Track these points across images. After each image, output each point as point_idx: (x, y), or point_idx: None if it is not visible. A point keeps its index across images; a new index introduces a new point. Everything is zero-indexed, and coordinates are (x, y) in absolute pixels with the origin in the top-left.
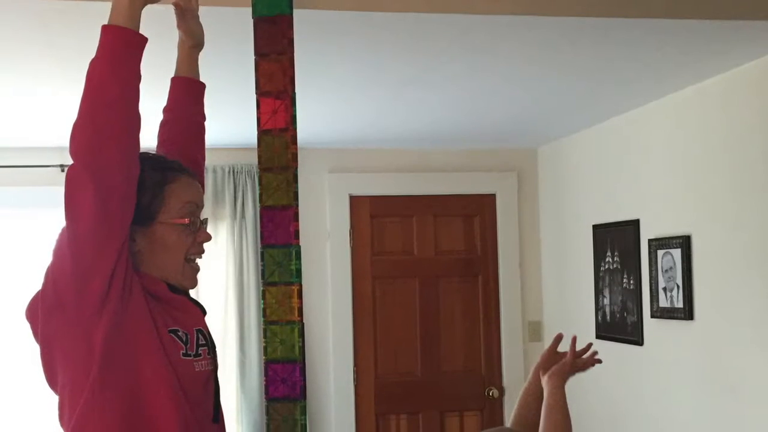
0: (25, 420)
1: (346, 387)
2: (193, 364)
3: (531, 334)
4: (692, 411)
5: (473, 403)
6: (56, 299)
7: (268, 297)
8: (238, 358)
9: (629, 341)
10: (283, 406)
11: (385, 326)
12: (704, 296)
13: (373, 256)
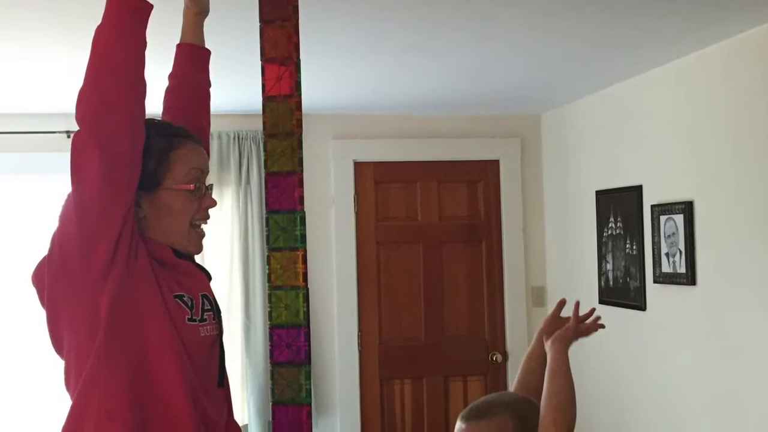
0: (32, 385)
1: (350, 352)
2: (199, 329)
3: (534, 299)
4: (695, 375)
5: (477, 367)
6: (62, 264)
7: (273, 262)
8: (243, 323)
9: (632, 306)
10: (288, 370)
11: (389, 291)
12: (706, 261)
13: (377, 222)
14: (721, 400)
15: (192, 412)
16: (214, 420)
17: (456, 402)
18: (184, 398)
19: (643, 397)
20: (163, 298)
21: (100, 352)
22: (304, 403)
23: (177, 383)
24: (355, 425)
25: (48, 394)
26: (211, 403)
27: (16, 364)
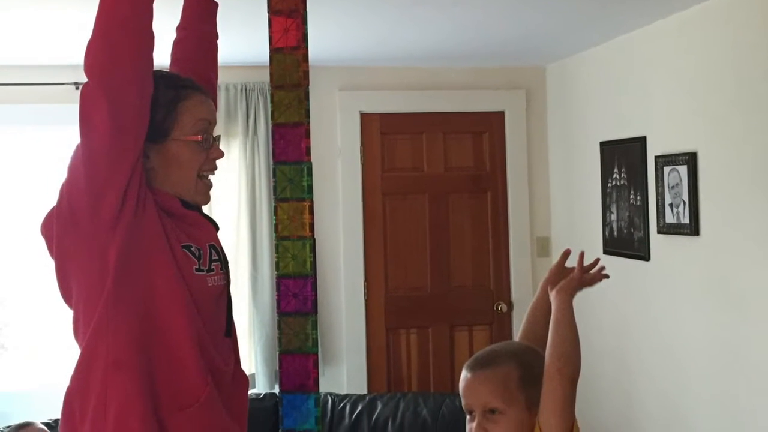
0: (41, 335)
1: (356, 302)
2: (206, 279)
3: (539, 249)
4: (698, 325)
5: (482, 317)
6: (70, 215)
7: (280, 213)
8: (250, 273)
9: (636, 256)
10: (295, 320)
11: (395, 242)
12: (710, 212)
13: (384, 173)
14: (724, 349)
15: (199, 361)
16: (221, 369)
17: (461, 351)
18: (192, 348)
19: (646, 346)
20: (171, 249)
21: (108, 301)
22: (310, 353)
23: (184, 333)
24: (361, 374)
25: (57, 343)
26: (219, 352)
27: (25, 313)
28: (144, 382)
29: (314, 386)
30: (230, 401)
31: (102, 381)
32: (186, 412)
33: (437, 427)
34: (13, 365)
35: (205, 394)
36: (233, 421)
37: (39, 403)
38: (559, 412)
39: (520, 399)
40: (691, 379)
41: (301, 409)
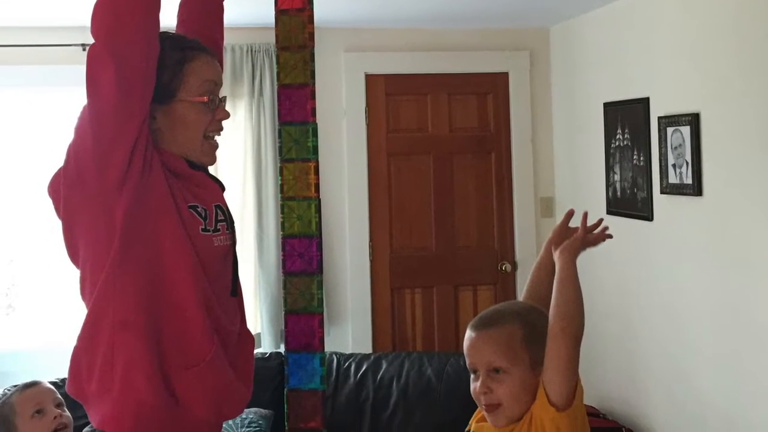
0: (48, 294)
1: (361, 262)
2: (212, 239)
3: (543, 209)
4: (701, 285)
5: (486, 277)
6: (77, 176)
7: (286, 173)
8: (256, 233)
9: (639, 217)
10: (300, 280)
11: (400, 202)
12: (713, 173)
13: (389, 134)
14: (728, 309)
15: (205, 320)
16: (227, 329)
17: (466, 311)
18: (198, 307)
19: (650, 306)
20: (177, 209)
21: (114, 261)
22: (316, 312)
23: (191, 292)
24: (366, 334)
25: (64, 303)
26: (225, 312)
27: (33, 273)
28: (150, 341)
29: (319, 345)
30: (236, 360)
31: (109, 340)
32: (192, 371)
33: (442, 386)
34: (21, 325)
35: (211, 354)
36: (239, 380)
37: (46, 363)
38: (562, 371)
39: (524, 358)
40: (695, 339)
41: (307, 368)
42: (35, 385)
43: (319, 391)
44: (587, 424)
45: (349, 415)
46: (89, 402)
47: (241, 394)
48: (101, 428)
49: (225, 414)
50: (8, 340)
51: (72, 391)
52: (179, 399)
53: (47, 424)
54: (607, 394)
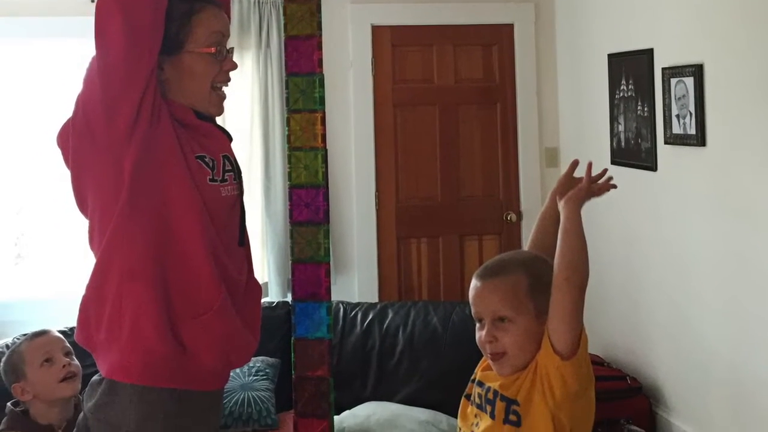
0: (57, 244)
1: (368, 211)
2: (220, 189)
3: (548, 160)
4: (705, 234)
5: (492, 227)
6: (86, 126)
7: (293, 124)
8: (263, 183)
9: (643, 167)
10: (307, 229)
11: (406, 153)
12: (716, 123)
13: (395, 85)
14: (731, 258)
15: (213, 270)
16: (235, 278)
17: (471, 260)
18: (206, 257)
19: (654, 255)
20: (185, 159)
21: (123, 212)
22: (322, 262)
23: (198, 242)
24: (372, 283)
25: (73, 252)
26: (232, 261)
27: (42, 222)
28: (158, 290)
29: (326, 295)
30: (243, 309)
31: (117, 289)
32: (200, 320)
33: (447, 335)
34: (30, 274)
35: (219, 303)
36: (246, 329)
37: (55, 312)
38: (567, 320)
39: (529, 307)
40: (699, 287)
41: (314, 317)
42: (44, 334)
43: (325, 340)
44: (592, 372)
45: (355, 363)
46: (98, 350)
47: (248, 342)
48: (110, 376)
49: (232, 362)
50: (17, 290)
51: (81, 340)
52: (187, 347)
53: (56, 372)
54: (611, 342)
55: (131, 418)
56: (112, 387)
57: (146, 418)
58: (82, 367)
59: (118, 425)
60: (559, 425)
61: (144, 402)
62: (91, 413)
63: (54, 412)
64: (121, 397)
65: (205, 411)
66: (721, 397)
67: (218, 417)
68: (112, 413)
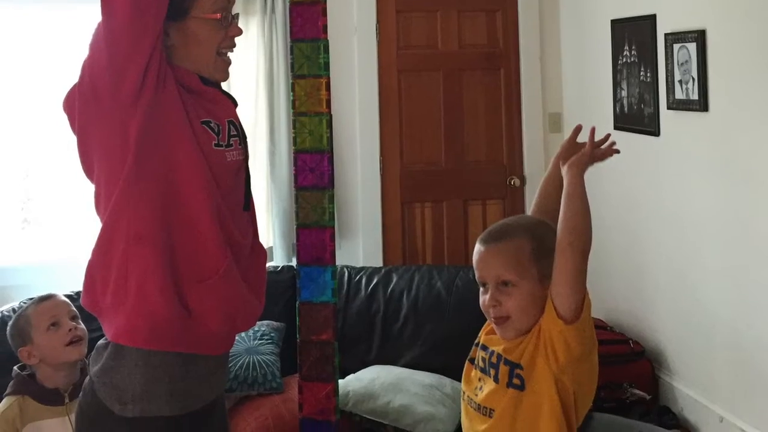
0: (64, 208)
1: (372, 176)
2: (225, 154)
3: (551, 125)
4: (707, 199)
5: (495, 191)
6: (92, 92)
7: (297, 89)
8: (268, 148)
9: (646, 132)
10: (312, 194)
11: (410, 118)
12: (719, 88)
13: (399, 50)
14: (733, 223)
15: (218, 234)
16: (240, 242)
17: (475, 225)
18: (211, 221)
19: (656, 219)
20: (191, 124)
21: (129, 176)
22: (327, 226)
23: (204, 206)
24: (377, 247)
25: (79, 217)
26: (237, 226)
27: (48, 187)
28: (164, 254)
29: (331, 259)
30: (248, 274)
31: (123, 254)
32: (205, 284)
33: (451, 299)
34: (36, 239)
35: (224, 267)
36: (251, 293)
37: (61, 276)
38: (570, 284)
39: (533, 271)
40: (701, 252)
41: (318, 281)
42: (50, 298)
43: (330, 304)
44: (595, 336)
45: (360, 327)
46: (103, 314)
47: (253, 306)
48: (115, 340)
49: (238, 326)
50: (24, 254)
51: (87, 304)
52: (192, 311)
53: (62, 336)
54: (614, 306)
55: (137, 381)
56: (117, 351)
57: (152, 381)
58: (88, 331)
59: (123, 389)
60: (562, 389)
61: (149, 366)
62: (96, 377)
63: (60, 376)
64: (127, 360)
65: (210, 375)
66: (723, 360)
67: (223, 381)
68: (117, 377)
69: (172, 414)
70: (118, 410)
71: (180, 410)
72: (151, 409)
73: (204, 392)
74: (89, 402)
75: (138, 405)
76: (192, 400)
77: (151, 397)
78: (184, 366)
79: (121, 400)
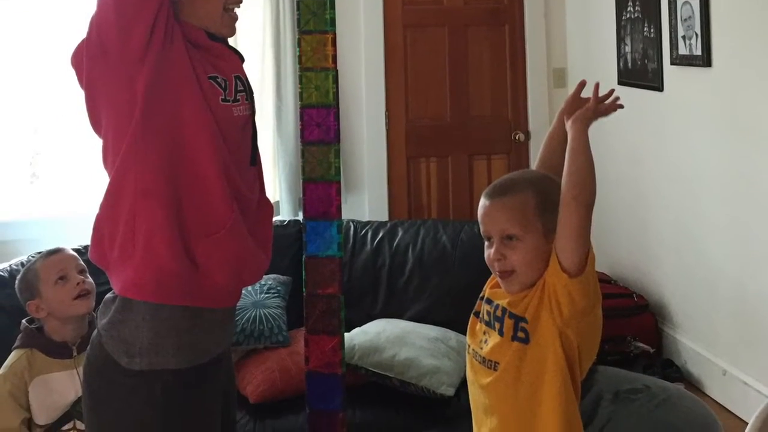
0: (72, 163)
1: (378, 131)
2: (232, 109)
3: (555, 80)
4: (711, 153)
5: (500, 146)
6: (100, 47)
7: (304, 44)
8: (275, 103)
9: (650, 87)
10: (318, 149)
11: (415, 73)
12: (722, 44)
13: (404, 6)
14: (737, 178)
15: (225, 188)
16: (247, 197)
17: (480, 179)
18: (218, 176)
19: (660, 174)
20: (198, 80)
21: (136, 131)
22: (333, 181)
23: (211, 161)
24: (382, 202)
25: (87, 171)
26: (244, 180)
27: (57, 141)
28: (171, 209)
29: (337, 213)
30: (255, 228)
31: (130, 208)
32: (212, 239)
33: (456, 253)
34: (45, 193)
35: (231, 221)
36: (258, 247)
37: (69, 230)
38: (575, 238)
39: (537, 226)
40: (704, 206)
41: (324, 235)
42: (59, 251)
43: (336, 258)
44: (599, 290)
45: (365, 281)
46: (111, 268)
47: (260, 261)
48: (123, 294)
49: (244, 280)
50: (32, 209)
51: (94, 258)
52: (199, 265)
53: (70, 290)
54: (618, 260)
55: (144, 335)
56: (125, 304)
57: (159, 334)
58: (95, 285)
59: (131, 342)
60: (566, 342)
61: (157, 319)
62: (104, 330)
63: (68, 330)
64: (135, 314)
65: (217, 328)
66: (726, 314)
67: (230, 334)
68: (125, 330)
69: (179, 367)
70: (126, 363)
71: (187, 363)
72: (158, 362)
73: (211, 346)
74: (97, 355)
75: (145, 358)
76: (199, 353)
77: (159, 350)
78: (191, 319)
79: (129, 353)
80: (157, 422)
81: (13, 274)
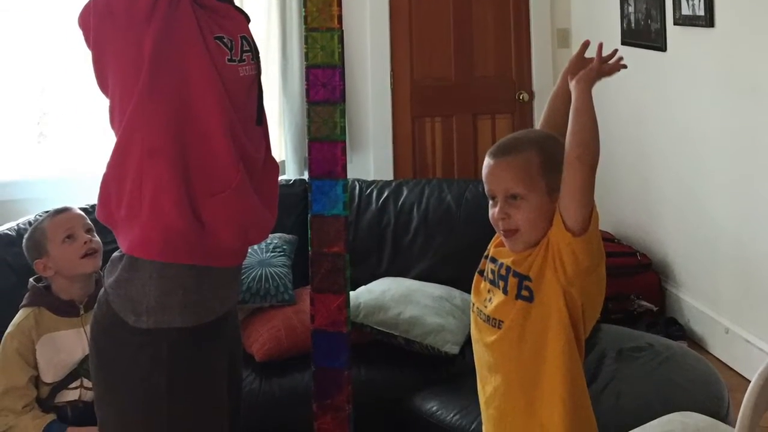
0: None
1: (383, 91)
2: (238, 69)
3: (559, 40)
4: (714, 113)
5: (504, 106)
6: (107, 7)
7: (309, 5)
8: (281, 63)
9: (653, 47)
10: (324, 109)
11: (420, 33)
12: (724, 4)
13: None
14: (739, 137)
15: (231, 148)
16: (253, 156)
17: (484, 139)
18: (224, 135)
19: (663, 134)
20: (204, 40)
21: (143, 91)
22: (338, 140)
23: (217, 121)
24: (387, 161)
25: (94, 131)
26: (250, 140)
27: (64, 101)
28: (178, 168)
29: (342, 173)
30: (261, 187)
31: (137, 167)
32: (218, 198)
33: (461, 212)
34: (52, 153)
35: (237, 181)
36: (264, 206)
37: (76, 189)
38: (578, 197)
39: (541, 185)
40: (707, 165)
41: (330, 194)
42: (66, 211)
43: (341, 217)
44: (602, 248)
45: (370, 240)
46: (118, 227)
47: (265, 220)
48: (130, 252)
49: (250, 239)
50: (40, 168)
51: (101, 217)
52: (206, 224)
53: (77, 248)
54: (622, 219)
55: (151, 293)
56: (132, 263)
57: (166, 293)
58: (102, 244)
59: (138, 300)
60: (570, 300)
61: (163, 278)
62: (111, 289)
63: (75, 288)
64: (141, 272)
65: (223, 287)
66: (728, 272)
67: (236, 293)
68: (132, 289)
69: (185, 325)
70: (133, 321)
71: (193, 322)
72: (164, 321)
73: (217, 304)
74: (104, 313)
75: (152, 316)
76: (205, 311)
77: (165, 308)
78: (198, 278)
79: (136, 312)
80: (164, 380)
81: (21, 233)
